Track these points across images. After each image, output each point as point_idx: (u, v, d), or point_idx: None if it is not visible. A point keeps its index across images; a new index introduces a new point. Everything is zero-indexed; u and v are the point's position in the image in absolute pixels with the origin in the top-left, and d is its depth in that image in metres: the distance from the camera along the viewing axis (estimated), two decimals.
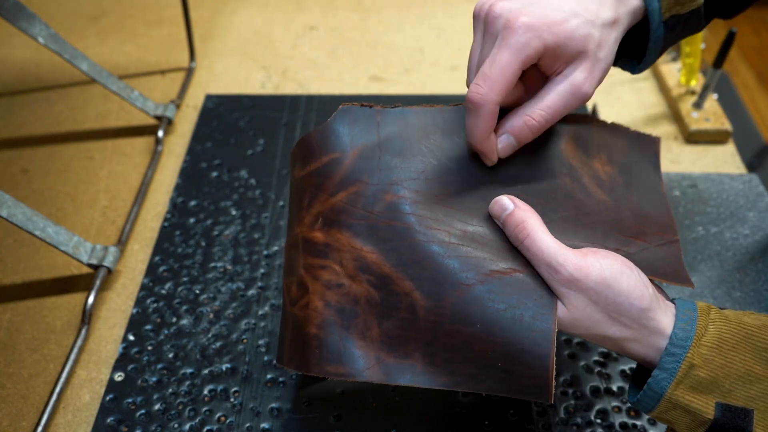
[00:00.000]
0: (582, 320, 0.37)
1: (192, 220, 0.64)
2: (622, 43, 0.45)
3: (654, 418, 0.40)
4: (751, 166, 0.71)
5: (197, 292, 0.58)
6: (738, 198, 0.66)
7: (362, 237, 0.40)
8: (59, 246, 0.56)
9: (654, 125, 0.76)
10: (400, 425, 0.48)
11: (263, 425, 0.49)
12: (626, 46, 0.45)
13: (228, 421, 0.49)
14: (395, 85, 0.83)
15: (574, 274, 0.36)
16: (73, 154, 0.73)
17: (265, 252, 0.61)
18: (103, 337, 0.55)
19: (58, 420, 0.50)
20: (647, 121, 0.76)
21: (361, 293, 0.40)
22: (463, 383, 0.38)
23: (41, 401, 0.51)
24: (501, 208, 0.39)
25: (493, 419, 0.49)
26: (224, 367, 0.52)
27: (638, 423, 0.49)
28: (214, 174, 0.69)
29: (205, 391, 0.51)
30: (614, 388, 0.51)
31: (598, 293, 0.36)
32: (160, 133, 0.73)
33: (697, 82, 0.76)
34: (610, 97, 0.80)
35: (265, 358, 0.53)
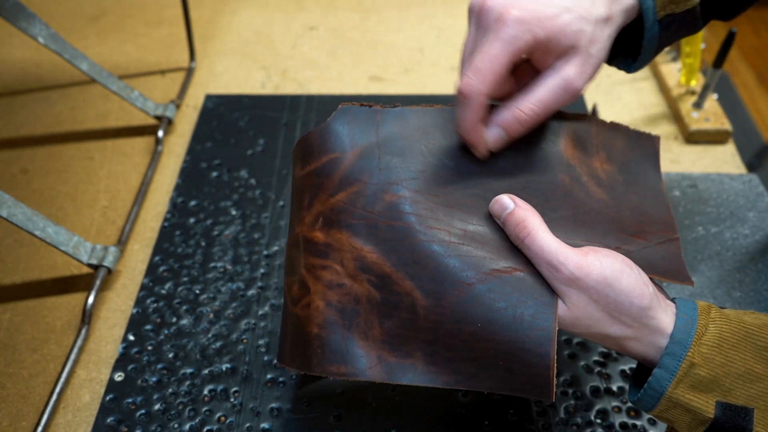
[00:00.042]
0: (582, 319, 0.37)
1: (192, 220, 0.64)
2: (618, 42, 0.45)
3: (654, 417, 0.40)
4: (751, 166, 0.71)
5: (197, 292, 0.58)
6: (738, 198, 0.66)
7: (362, 237, 0.40)
8: (59, 246, 0.56)
9: (654, 125, 0.76)
10: (400, 425, 0.48)
11: (263, 425, 0.49)
12: (622, 45, 0.45)
13: (228, 421, 0.49)
14: (395, 85, 0.83)
15: (575, 273, 0.36)
16: (73, 154, 0.73)
17: (265, 252, 0.61)
18: (103, 337, 0.55)
19: (58, 420, 0.50)
20: (647, 121, 0.76)
21: (362, 293, 0.40)
22: (464, 382, 0.38)
23: (41, 401, 0.51)
24: (501, 207, 0.39)
25: (493, 419, 0.49)
26: (224, 367, 0.52)
27: (638, 423, 0.49)
28: (214, 174, 0.69)
29: (205, 391, 0.51)
30: (614, 388, 0.51)
31: (599, 292, 0.36)
32: (160, 133, 0.73)
33: (697, 82, 0.76)
34: (610, 97, 0.80)
35: (265, 358, 0.53)
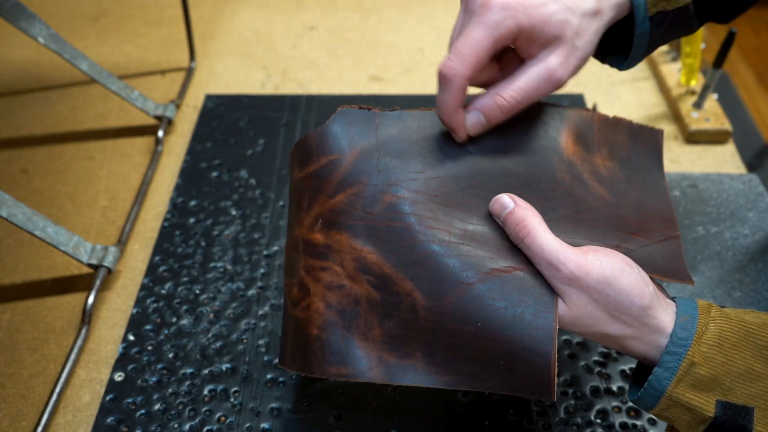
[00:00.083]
0: (583, 318, 0.37)
1: (192, 220, 0.64)
2: (611, 39, 0.45)
3: (654, 416, 0.40)
4: (751, 166, 0.71)
5: (197, 292, 0.58)
6: (738, 198, 0.66)
7: (362, 238, 0.40)
8: (59, 246, 0.56)
9: (654, 125, 0.75)
10: (400, 425, 0.48)
11: (263, 425, 0.49)
12: (614, 42, 0.45)
13: (228, 421, 0.49)
14: (395, 85, 0.83)
15: (575, 272, 0.36)
16: (73, 154, 0.73)
17: (265, 252, 0.61)
18: (103, 337, 0.55)
19: (58, 420, 0.50)
20: (647, 121, 0.76)
21: (361, 294, 0.40)
22: (464, 382, 0.38)
23: (41, 401, 0.51)
24: (501, 207, 0.39)
25: (493, 419, 0.49)
26: (224, 367, 0.52)
27: (638, 423, 0.49)
28: (214, 174, 0.69)
29: (205, 391, 0.51)
30: (614, 388, 0.51)
31: (599, 291, 0.36)
32: (160, 133, 0.73)
33: (697, 82, 0.76)
34: (610, 97, 0.80)
35: (265, 358, 0.53)
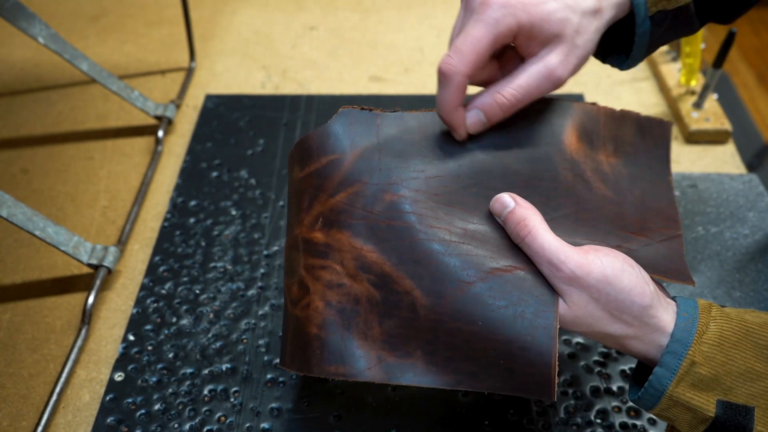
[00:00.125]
0: (583, 318, 0.37)
1: (192, 220, 0.64)
2: (612, 39, 0.45)
3: (655, 416, 0.40)
4: (751, 166, 0.71)
5: (197, 292, 0.58)
6: (738, 198, 0.66)
7: (362, 237, 0.40)
8: (59, 246, 0.56)
9: None
10: (400, 425, 0.48)
11: (263, 425, 0.49)
12: (616, 42, 0.45)
13: (228, 421, 0.49)
14: (395, 85, 0.82)
15: (576, 272, 0.36)
16: (73, 154, 0.73)
17: (265, 252, 0.61)
18: (103, 337, 0.55)
19: (58, 420, 0.50)
20: None
21: (361, 293, 0.40)
22: (464, 382, 0.38)
23: (41, 401, 0.51)
24: (502, 206, 0.39)
25: (493, 419, 0.49)
26: (224, 367, 0.52)
27: (638, 423, 0.49)
28: (214, 174, 0.69)
29: (205, 391, 0.51)
30: (614, 388, 0.51)
31: (600, 290, 0.36)
32: (160, 133, 0.73)
33: (697, 82, 0.76)
34: (610, 97, 0.80)
35: (265, 358, 0.53)
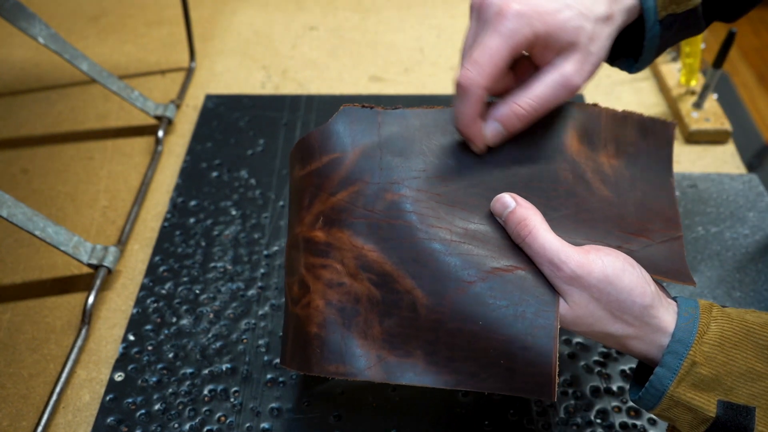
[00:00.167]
0: (584, 317, 0.37)
1: (192, 220, 0.64)
2: (620, 43, 0.45)
3: (655, 416, 0.40)
4: (751, 166, 0.71)
5: (197, 292, 0.58)
6: (738, 198, 0.66)
7: (363, 236, 0.40)
8: (59, 246, 0.56)
9: None
10: (400, 425, 0.48)
11: (263, 425, 0.49)
12: (624, 46, 0.45)
13: (228, 421, 0.49)
14: (395, 85, 0.82)
15: (577, 272, 0.36)
16: (73, 154, 0.73)
17: (265, 252, 0.61)
18: (103, 337, 0.55)
19: (58, 420, 0.50)
20: None
21: (362, 292, 0.40)
22: (464, 382, 0.38)
23: (41, 401, 0.51)
24: (503, 206, 0.39)
25: (493, 419, 0.49)
26: (224, 367, 0.52)
27: (638, 423, 0.49)
28: (214, 174, 0.69)
29: (205, 391, 0.51)
30: (614, 388, 0.51)
31: (600, 290, 0.36)
32: (160, 133, 0.73)
33: (697, 82, 0.76)
34: (610, 97, 0.80)
35: (265, 358, 0.53)
